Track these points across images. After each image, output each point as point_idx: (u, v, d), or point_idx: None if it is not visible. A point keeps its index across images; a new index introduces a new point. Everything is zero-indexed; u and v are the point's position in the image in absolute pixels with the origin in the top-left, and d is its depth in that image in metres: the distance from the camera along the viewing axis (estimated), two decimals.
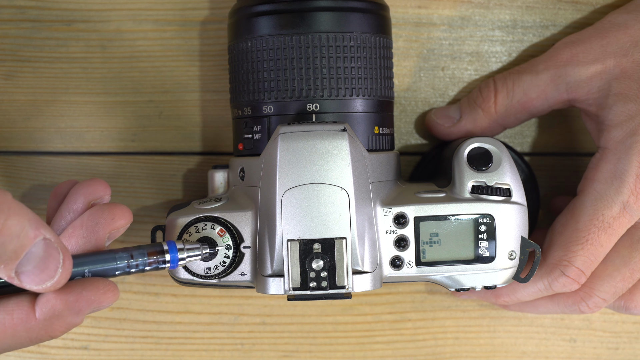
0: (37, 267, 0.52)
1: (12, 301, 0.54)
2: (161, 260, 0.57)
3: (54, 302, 0.53)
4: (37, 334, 0.54)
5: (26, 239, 0.51)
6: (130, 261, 0.56)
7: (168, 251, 0.57)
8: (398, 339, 0.72)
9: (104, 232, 0.56)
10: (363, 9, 0.61)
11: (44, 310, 0.54)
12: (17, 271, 0.51)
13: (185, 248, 0.58)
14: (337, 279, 0.58)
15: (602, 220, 0.62)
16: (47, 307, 0.54)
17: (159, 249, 0.57)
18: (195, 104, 0.70)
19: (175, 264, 0.57)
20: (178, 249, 0.57)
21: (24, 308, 0.54)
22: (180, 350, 0.72)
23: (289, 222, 0.58)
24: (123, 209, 0.57)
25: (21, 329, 0.54)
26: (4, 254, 0.50)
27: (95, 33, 0.69)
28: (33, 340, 0.55)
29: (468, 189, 0.61)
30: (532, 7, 0.70)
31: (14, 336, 0.54)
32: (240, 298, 0.71)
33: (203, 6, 0.69)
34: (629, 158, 0.62)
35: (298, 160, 0.58)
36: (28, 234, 0.51)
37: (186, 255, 0.58)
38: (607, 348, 0.73)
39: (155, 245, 0.57)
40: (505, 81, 0.67)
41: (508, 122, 0.68)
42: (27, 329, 0.54)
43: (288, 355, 0.72)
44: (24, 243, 0.51)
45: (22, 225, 0.51)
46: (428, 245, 0.61)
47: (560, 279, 0.63)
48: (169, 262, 0.57)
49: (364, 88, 0.61)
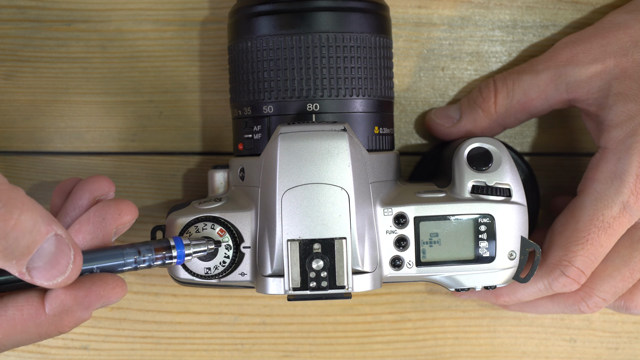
0: (48, 263, 0.52)
1: (22, 297, 0.54)
2: (168, 256, 0.57)
3: (64, 297, 0.54)
4: (46, 329, 0.54)
5: (38, 234, 0.51)
6: (138, 257, 0.56)
7: (175, 247, 0.57)
8: (398, 339, 0.72)
9: (111, 228, 0.56)
10: (363, 9, 0.61)
11: (54, 306, 0.54)
12: (28, 267, 0.52)
13: (191, 244, 0.58)
14: (337, 279, 0.58)
15: (602, 220, 0.62)
16: (56, 303, 0.54)
17: (166, 245, 0.57)
18: (195, 104, 0.70)
19: (182, 259, 0.58)
20: (184, 245, 0.58)
21: (33, 304, 0.54)
22: (180, 350, 0.72)
23: (289, 222, 0.58)
24: (129, 204, 0.57)
25: (31, 324, 0.54)
26: (16, 250, 0.51)
27: (95, 33, 0.69)
28: (42, 336, 0.55)
29: (468, 189, 0.61)
30: (532, 7, 0.70)
31: (24, 332, 0.54)
32: (240, 298, 0.71)
33: (203, 6, 0.69)
34: (629, 158, 0.62)
35: (298, 160, 0.58)
36: (40, 229, 0.51)
37: (192, 251, 0.58)
38: (607, 348, 0.73)
39: (162, 241, 0.57)
40: (505, 81, 0.67)
41: (508, 122, 0.68)
42: (36, 324, 0.54)
43: (288, 355, 0.72)
44: (36, 239, 0.51)
45: (35, 221, 0.51)
46: (428, 245, 0.61)
47: (560, 279, 0.63)
48: (175, 258, 0.57)
49: (364, 88, 0.61)
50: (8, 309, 0.54)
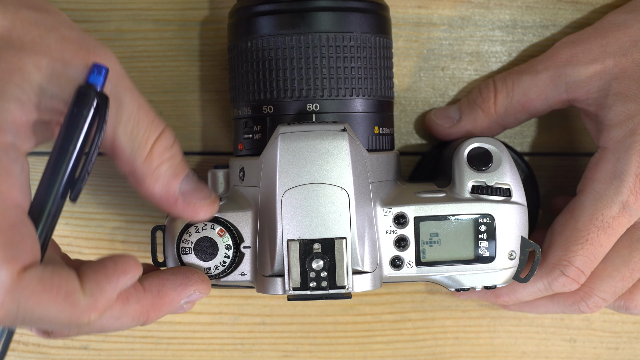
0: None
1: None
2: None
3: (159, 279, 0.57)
4: (142, 308, 0.56)
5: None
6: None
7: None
8: (398, 339, 0.72)
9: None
10: (363, 9, 0.61)
11: (151, 286, 0.56)
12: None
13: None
14: (337, 279, 0.58)
15: (601, 220, 0.62)
16: (154, 285, 0.56)
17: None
18: (195, 104, 0.70)
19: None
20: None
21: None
22: (180, 350, 0.72)
23: (289, 222, 0.58)
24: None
25: (133, 299, 0.55)
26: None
27: (95, 33, 0.69)
28: (138, 316, 0.56)
29: (468, 189, 0.61)
30: (532, 7, 0.70)
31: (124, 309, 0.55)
32: (240, 298, 0.71)
33: (203, 6, 0.69)
34: (629, 158, 0.62)
35: (298, 160, 0.58)
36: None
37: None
38: (607, 348, 0.73)
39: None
40: (504, 81, 0.67)
41: (508, 122, 0.68)
42: (137, 299, 0.55)
43: (288, 355, 0.72)
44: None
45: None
46: (428, 245, 0.61)
47: (559, 279, 0.63)
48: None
49: (364, 88, 0.61)
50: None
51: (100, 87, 0.53)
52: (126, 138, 0.55)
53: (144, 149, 0.55)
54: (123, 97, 0.54)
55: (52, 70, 0.52)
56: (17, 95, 0.51)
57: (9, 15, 0.53)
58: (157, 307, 0.56)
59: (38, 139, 0.54)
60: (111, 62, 0.54)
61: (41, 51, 0.52)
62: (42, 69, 0.52)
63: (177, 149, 0.57)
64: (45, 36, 0.53)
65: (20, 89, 0.52)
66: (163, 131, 0.56)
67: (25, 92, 0.52)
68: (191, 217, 0.58)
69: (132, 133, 0.55)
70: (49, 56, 0.52)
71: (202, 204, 0.58)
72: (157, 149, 0.56)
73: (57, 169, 0.53)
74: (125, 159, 0.55)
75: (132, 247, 0.70)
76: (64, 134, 0.52)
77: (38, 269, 0.50)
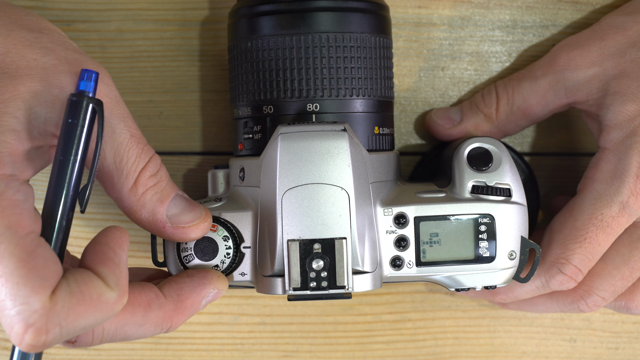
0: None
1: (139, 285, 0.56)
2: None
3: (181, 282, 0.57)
4: (164, 313, 0.56)
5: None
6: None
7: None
8: (398, 339, 0.72)
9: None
10: (363, 9, 0.61)
11: (170, 292, 0.56)
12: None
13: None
14: (337, 279, 0.58)
15: (600, 219, 0.62)
16: (173, 290, 0.57)
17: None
18: (195, 104, 0.70)
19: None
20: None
21: (152, 289, 0.56)
22: (180, 350, 0.72)
23: (289, 222, 0.58)
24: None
25: (155, 305, 0.55)
26: None
27: (95, 33, 0.69)
28: (162, 322, 0.56)
29: (468, 189, 0.61)
30: (532, 7, 0.70)
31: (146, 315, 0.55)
32: (240, 298, 0.71)
33: (203, 6, 0.69)
34: (629, 158, 0.62)
35: (298, 161, 0.58)
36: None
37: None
38: (607, 348, 0.73)
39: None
40: (505, 88, 0.67)
41: (509, 129, 0.68)
42: (159, 305, 0.56)
43: (288, 355, 0.72)
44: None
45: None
46: (428, 245, 0.61)
47: (557, 277, 0.63)
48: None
49: (364, 88, 0.61)
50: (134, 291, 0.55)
51: (93, 93, 0.52)
52: (115, 166, 0.55)
53: (131, 178, 0.55)
54: (116, 126, 0.55)
55: (47, 95, 0.52)
56: (13, 125, 0.51)
57: (2, 39, 0.53)
58: (180, 311, 0.56)
59: (36, 165, 0.54)
60: (108, 86, 0.54)
61: (37, 76, 0.52)
62: (37, 95, 0.52)
63: (163, 174, 0.57)
64: (40, 60, 0.53)
65: (16, 119, 0.51)
66: (150, 159, 0.56)
67: (21, 121, 0.52)
68: (182, 240, 0.58)
69: (121, 162, 0.55)
70: (45, 81, 0.52)
71: (190, 226, 0.58)
72: (142, 177, 0.56)
73: (60, 184, 0.52)
74: (113, 186, 0.56)
75: (132, 247, 0.70)
76: (63, 147, 0.52)
77: (65, 284, 0.50)
